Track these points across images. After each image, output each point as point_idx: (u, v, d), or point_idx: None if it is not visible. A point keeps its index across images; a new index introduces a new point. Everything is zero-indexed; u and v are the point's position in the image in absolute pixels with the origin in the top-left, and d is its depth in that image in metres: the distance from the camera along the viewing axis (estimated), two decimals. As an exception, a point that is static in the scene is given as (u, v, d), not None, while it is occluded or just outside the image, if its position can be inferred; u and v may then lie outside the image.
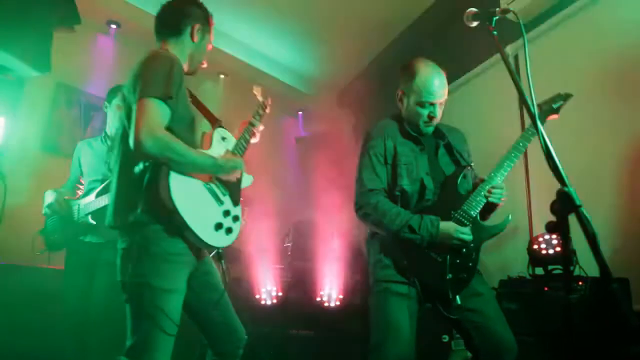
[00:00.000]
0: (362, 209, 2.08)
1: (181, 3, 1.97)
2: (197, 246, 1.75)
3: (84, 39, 4.01)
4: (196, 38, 1.95)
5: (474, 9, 1.67)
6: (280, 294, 3.47)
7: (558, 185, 1.25)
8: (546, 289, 2.49)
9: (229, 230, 1.83)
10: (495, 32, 1.56)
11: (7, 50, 2.94)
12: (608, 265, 1.10)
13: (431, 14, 4.62)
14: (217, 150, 1.94)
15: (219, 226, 1.79)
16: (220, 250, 1.84)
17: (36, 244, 2.75)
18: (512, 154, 2.09)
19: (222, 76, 5.20)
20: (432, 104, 2.11)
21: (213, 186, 1.83)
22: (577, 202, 1.18)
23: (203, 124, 2.03)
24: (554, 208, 1.21)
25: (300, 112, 6.01)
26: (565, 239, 1.21)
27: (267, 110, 2.30)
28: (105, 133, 3.01)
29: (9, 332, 2.72)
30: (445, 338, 2.98)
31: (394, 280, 2.03)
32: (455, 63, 3.55)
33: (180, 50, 1.91)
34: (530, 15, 3.39)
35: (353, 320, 3.39)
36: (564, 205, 1.20)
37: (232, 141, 2.05)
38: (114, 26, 4.32)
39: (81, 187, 2.94)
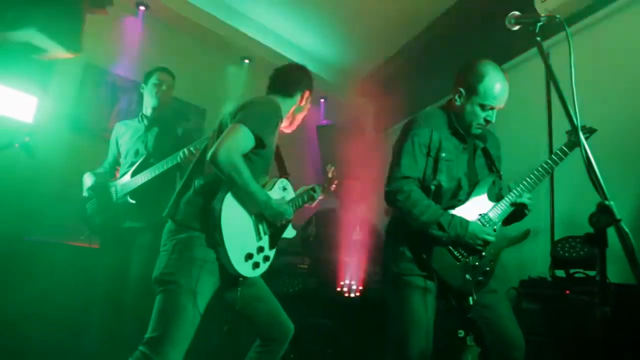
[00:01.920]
0: (394, 193, 2.08)
1: (296, 71, 2.24)
2: (223, 264, 1.85)
3: (113, 20, 4.04)
4: (303, 103, 2.24)
5: (516, 13, 1.63)
6: (301, 282, 3.52)
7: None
8: (568, 292, 2.50)
9: (256, 265, 1.94)
10: (539, 38, 1.54)
11: (41, 30, 2.98)
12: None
13: (460, 8, 4.55)
14: (274, 195, 2.09)
15: (249, 256, 1.90)
16: (241, 279, 1.92)
17: (79, 228, 2.84)
18: (540, 173, 2.11)
19: (246, 61, 5.20)
20: (492, 108, 2.11)
21: (259, 222, 1.96)
22: (617, 216, 1.19)
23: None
24: (593, 221, 1.23)
25: (322, 100, 5.99)
26: (602, 252, 1.22)
27: (332, 189, 2.52)
28: (142, 113, 3.06)
29: (44, 309, 2.82)
30: (461, 333, 3.01)
31: (416, 273, 2.07)
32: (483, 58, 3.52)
33: (286, 107, 2.17)
34: (567, 12, 3.32)
35: (372, 311, 3.43)
36: (604, 218, 1.21)
37: (290, 194, 2.22)
38: (142, 8, 4.33)
39: (119, 167, 3.00)
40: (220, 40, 4.87)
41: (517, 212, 2.15)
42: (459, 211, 2.08)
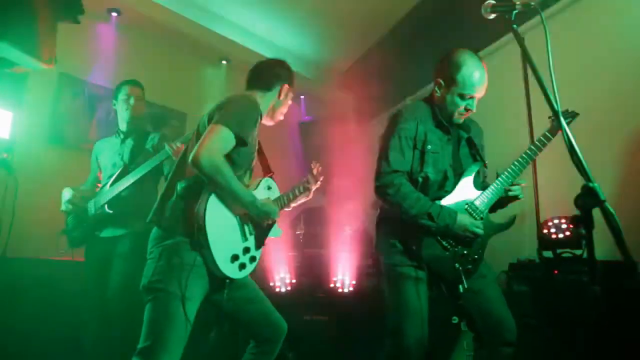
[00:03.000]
0: (384, 188, 2.11)
1: (274, 65, 2.21)
2: (209, 267, 1.83)
3: (85, 28, 3.96)
4: (282, 96, 2.19)
5: (492, 1, 1.64)
6: (293, 280, 3.52)
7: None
8: (556, 272, 2.55)
9: (242, 266, 1.93)
10: (515, 26, 1.55)
11: (12, 43, 2.90)
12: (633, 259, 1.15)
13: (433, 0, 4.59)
14: (259, 194, 2.06)
15: (235, 258, 1.89)
16: (228, 280, 1.90)
17: (59, 242, 2.80)
18: (524, 159, 2.14)
19: (224, 62, 5.16)
20: (472, 97, 2.13)
21: (244, 223, 1.95)
22: (602, 197, 1.21)
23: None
24: (579, 202, 1.24)
25: (302, 97, 5.99)
26: (589, 233, 1.25)
27: (316, 186, 2.47)
28: (119, 128, 3.06)
29: (30, 325, 2.78)
30: (455, 319, 3.05)
31: (407, 264, 2.09)
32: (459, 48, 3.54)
33: (265, 102, 2.14)
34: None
35: (366, 304, 3.45)
36: (589, 200, 1.23)
37: (275, 193, 2.19)
38: (114, 14, 4.26)
39: (99, 185, 3.00)
40: (197, 42, 4.82)
41: (503, 200, 2.19)
42: (446, 201, 2.11)
